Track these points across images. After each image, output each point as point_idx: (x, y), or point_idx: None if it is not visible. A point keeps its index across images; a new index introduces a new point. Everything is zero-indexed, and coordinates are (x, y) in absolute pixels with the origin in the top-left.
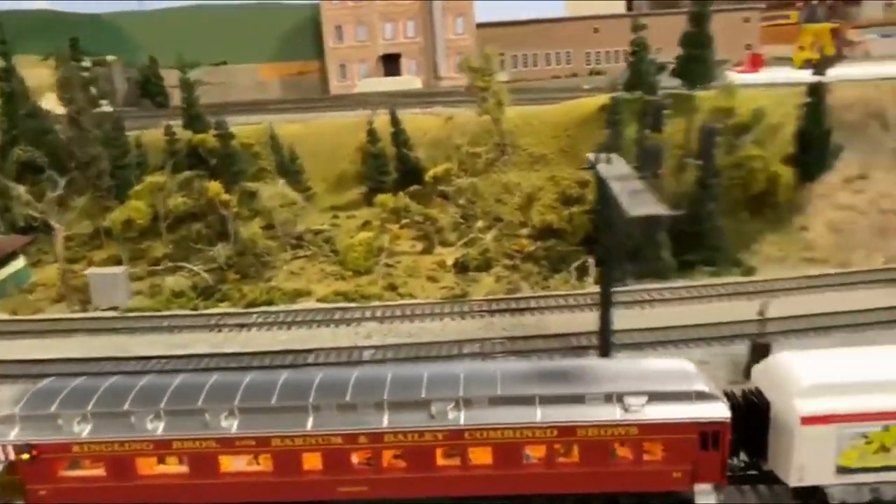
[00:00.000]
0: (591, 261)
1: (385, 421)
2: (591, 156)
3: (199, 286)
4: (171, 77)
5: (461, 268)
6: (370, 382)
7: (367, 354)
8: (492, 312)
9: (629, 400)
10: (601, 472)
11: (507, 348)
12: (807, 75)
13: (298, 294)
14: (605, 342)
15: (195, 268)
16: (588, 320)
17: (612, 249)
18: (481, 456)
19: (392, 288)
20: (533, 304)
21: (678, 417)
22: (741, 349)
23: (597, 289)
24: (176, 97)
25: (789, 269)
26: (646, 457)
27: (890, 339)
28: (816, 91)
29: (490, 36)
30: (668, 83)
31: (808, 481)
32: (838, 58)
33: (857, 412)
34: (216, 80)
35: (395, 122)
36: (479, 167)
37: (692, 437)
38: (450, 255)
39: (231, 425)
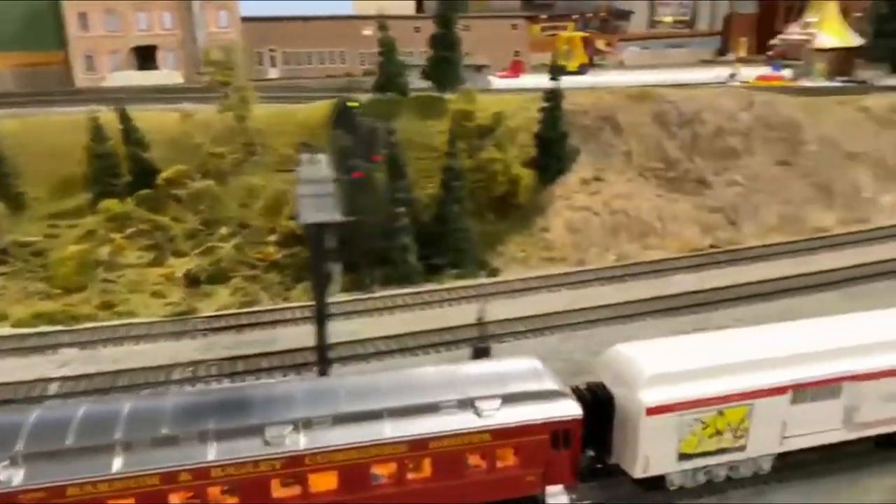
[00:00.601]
0: (336, 268)
1: (212, 453)
2: (302, 156)
3: None
4: None
5: (192, 280)
6: (193, 409)
7: (52, 388)
8: (217, 330)
9: (482, 405)
10: (454, 484)
11: (223, 371)
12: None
13: None
14: (323, 358)
15: None
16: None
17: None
18: (324, 482)
19: (108, 306)
20: (267, 318)
21: (530, 419)
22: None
23: (342, 297)
24: None
25: (530, 269)
26: (499, 463)
27: (618, 336)
28: (552, 96)
29: (259, 31)
30: (419, 84)
31: (653, 471)
32: (589, 65)
33: (695, 399)
34: None
35: (124, 118)
36: (225, 168)
37: (544, 437)
38: (181, 267)
39: (11, 477)
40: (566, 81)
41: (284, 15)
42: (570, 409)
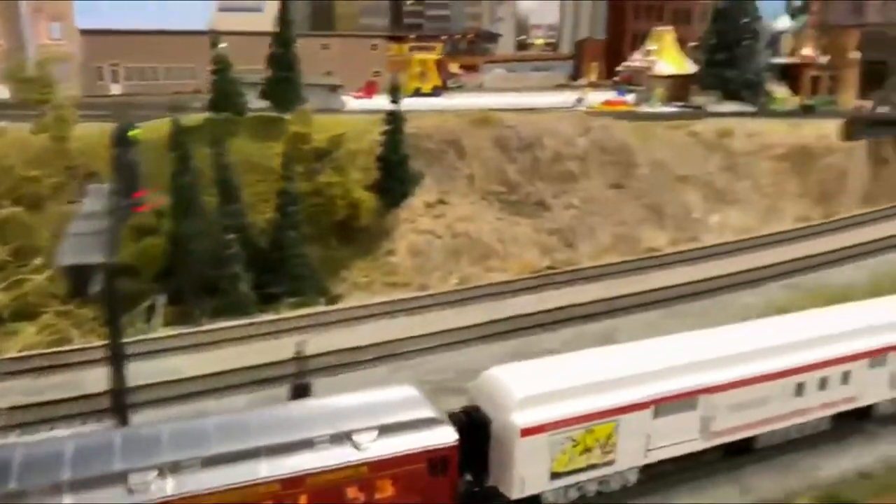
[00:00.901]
0: (160, 299)
1: None
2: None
3: None
4: None
5: None
6: (44, 458)
7: None
8: (13, 374)
9: (359, 437)
10: None
11: (11, 421)
12: (413, 102)
13: None
14: (120, 404)
15: None
16: (138, 372)
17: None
18: None
19: None
20: (75, 358)
21: (406, 448)
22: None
23: (166, 332)
24: None
25: (373, 294)
26: (378, 495)
27: (451, 362)
28: (393, 119)
29: (100, 44)
30: (258, 104)
31: (528, 491)
32: (443, 88)
33: (566, 418)
34: None
35: None
36: (43, 193)
37: (421, 466)
38: None
39: None
40: (418, 104)
41: (127, 28)
42: (446, 436)
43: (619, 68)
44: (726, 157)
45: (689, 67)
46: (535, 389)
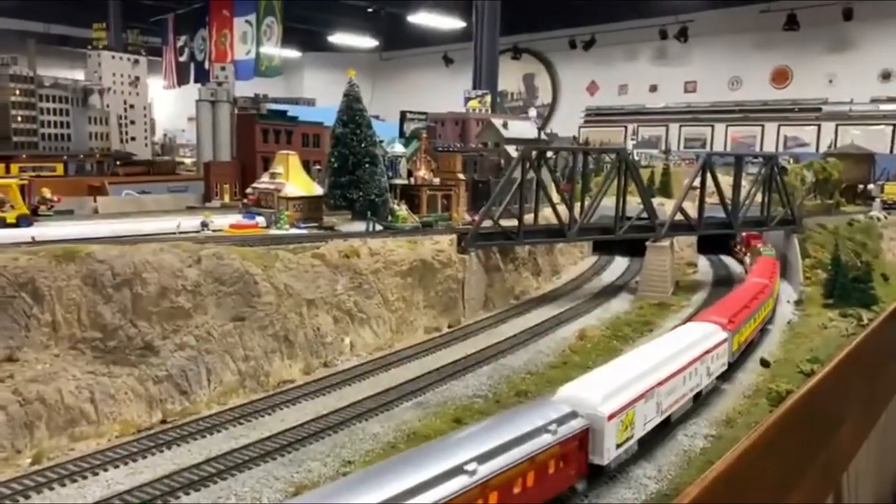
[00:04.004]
0: None
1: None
2: None
3: None
4: None
5: None
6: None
7: None
8: None
9: (550, 427)
10: None
11: None
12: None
13: None
14: None
15: None
16: None
17: None
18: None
19: None
20: None
21: (570, 432)
22: None
23: None
24: None
25: None
26: (561, 464)
27: None
28: None
29: None
30: None
31: (608, 459)
32: (34, 216)
33: (621, 406)
34: None
35: None
36: None
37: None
38: None
39: None
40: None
41: None
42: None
43: (248, 190)
44: (354, 277)
45: (316, 189)
46: (605, 389)
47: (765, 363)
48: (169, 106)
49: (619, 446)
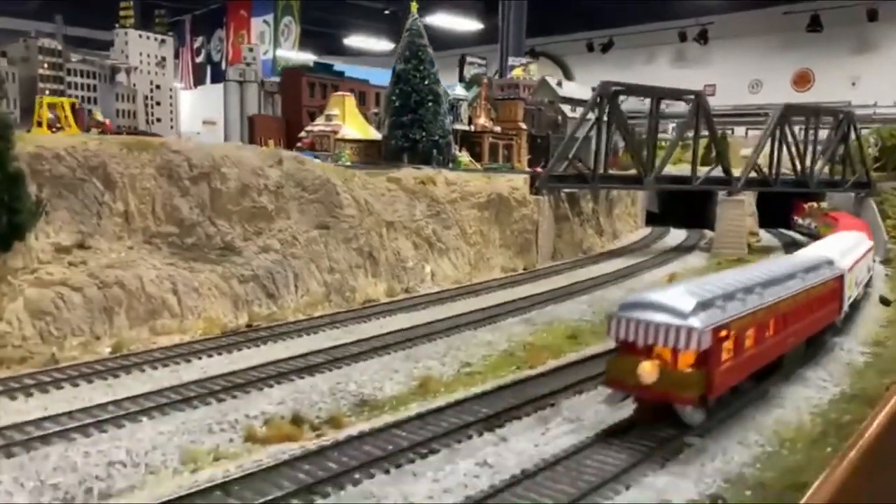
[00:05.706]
0: None
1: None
2: None
3: None
4: None
5: None
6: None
7: None
8: None
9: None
10: None
11: None
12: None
13: None
14: None
15: None
16: None
17: None
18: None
19: None
20: None
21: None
22: None
23: None
24: None
25: None
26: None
27: None
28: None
29: None
30: None
31: None
32: None
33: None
34: None
35: None
36: None
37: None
38: None
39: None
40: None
41: None
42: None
43: (301, 134)
44: (431, 205)
45: (373, 133)
46: (834, 252)
47: (885, 301)
48: (184, 108)
49: (848, 299)
